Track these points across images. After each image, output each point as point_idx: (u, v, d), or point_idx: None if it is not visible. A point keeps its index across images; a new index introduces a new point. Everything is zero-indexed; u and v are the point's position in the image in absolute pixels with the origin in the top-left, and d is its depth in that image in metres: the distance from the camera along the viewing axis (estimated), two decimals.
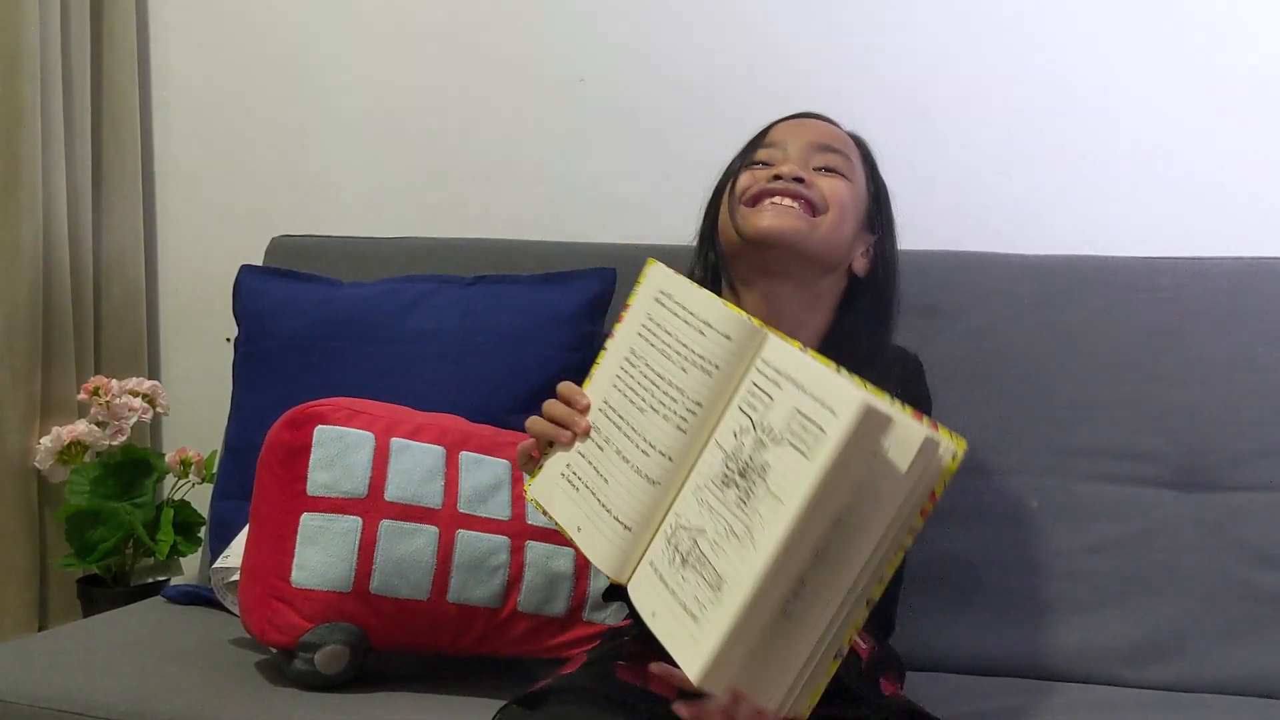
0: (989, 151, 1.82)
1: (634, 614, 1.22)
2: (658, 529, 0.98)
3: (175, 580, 1.94)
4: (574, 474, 1.07)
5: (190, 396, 2.11)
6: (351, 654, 1.34)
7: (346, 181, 2.13)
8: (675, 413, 1.00)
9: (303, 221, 2.04)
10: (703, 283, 1.28)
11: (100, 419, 1.90)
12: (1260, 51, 1.72)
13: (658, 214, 1.72)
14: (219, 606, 1.61)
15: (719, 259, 1.32)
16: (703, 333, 1.00)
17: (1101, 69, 1.78)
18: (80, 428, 1.89)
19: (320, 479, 1.35)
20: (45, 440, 1.90)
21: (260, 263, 1.91)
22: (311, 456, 1.36)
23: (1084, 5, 1.78)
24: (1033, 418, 1.57)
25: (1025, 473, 1.56)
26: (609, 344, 1.11)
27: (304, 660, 1.33)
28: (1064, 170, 1.79)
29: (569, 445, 1.08)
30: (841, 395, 0.85)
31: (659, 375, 1.03)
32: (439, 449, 1.41)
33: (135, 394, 1.93)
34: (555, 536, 1.41)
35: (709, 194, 1.36)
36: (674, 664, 0.91)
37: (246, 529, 1.46)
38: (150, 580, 1.93)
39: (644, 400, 1.03)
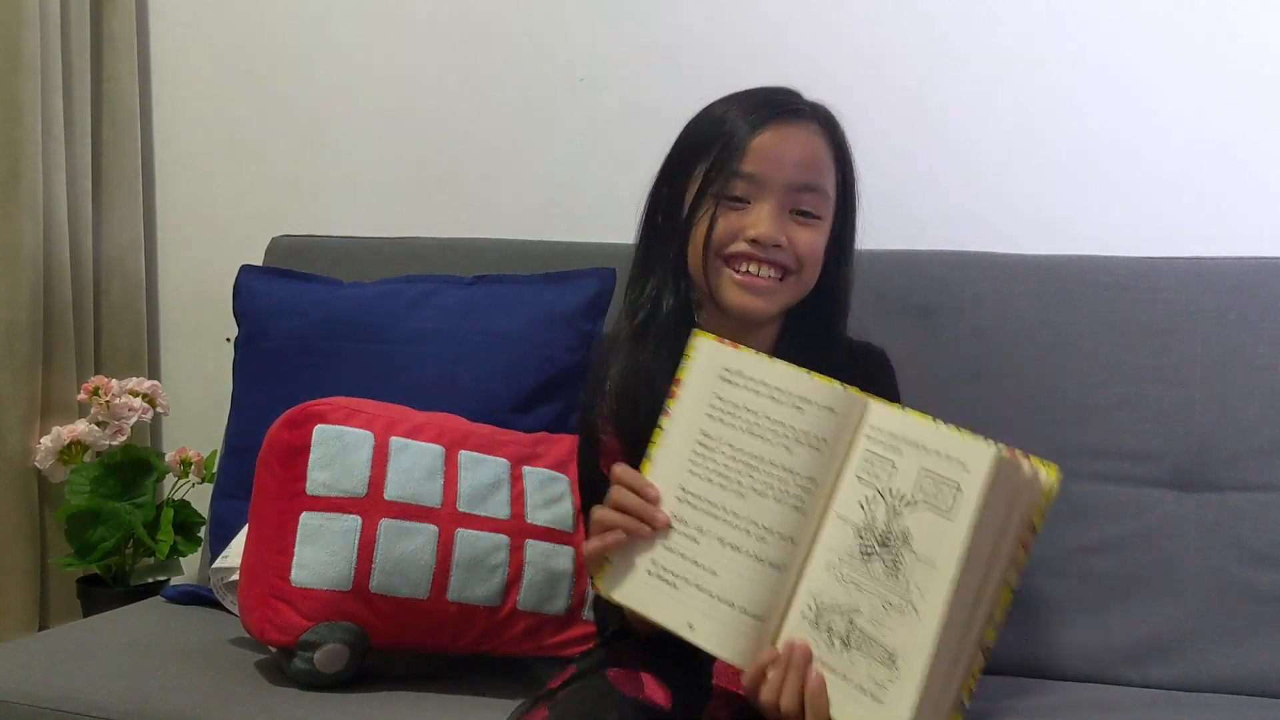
0: (989, 151, 1.82)
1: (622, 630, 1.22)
2: (786, 610, 0.98)
3: (175, 580, 1.94)
4: (665, 570, 1.04)
5: (190, 396, 2.12)
6: (351, 653, 1.34)
7: (346, 181, 2.13)
8: (789, 493, 1.00)
9: (303, 221, 2.04)
10: (677, 310, 1.27)
11: (100, 419, 1.90)
12: (1260, 50, 1.72)
13: None
14: (219, 606, 1.61)
15: (690, 286, 1.30)
16: (800, 409, 1.01)
17: (1101, 68, 1.78)
18: (80, 428, 1.89)
19: (320, 478, 1.35)
20: (45, 440, 1.90)
21: (260, 263, 1.91)
22: (311, 455, 1.36)
23: (1085, 4, 1.78)
24: (1032, 418, 1.57)
25: None
26: (666, 424, 1.08)
27: (304, 659, 1.33)
28: (1064, 170, 1.79)
29: (649, 540, 1.05)
30: (971, 450, 0.90)
31: (755, 457, 1.02)
32: (438, 448, 1.41)
33: (135, 394, 1.93)
34: (555, 535, 1.41)
35: (665, 189, 1.30)
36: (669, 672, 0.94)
37: (245, 529, 1.47)
38: (150, 580, 1.93)
39: (741, 484, 1.02)
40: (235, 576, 1.50)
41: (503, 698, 1.29)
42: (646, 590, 1.05)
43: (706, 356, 1.08)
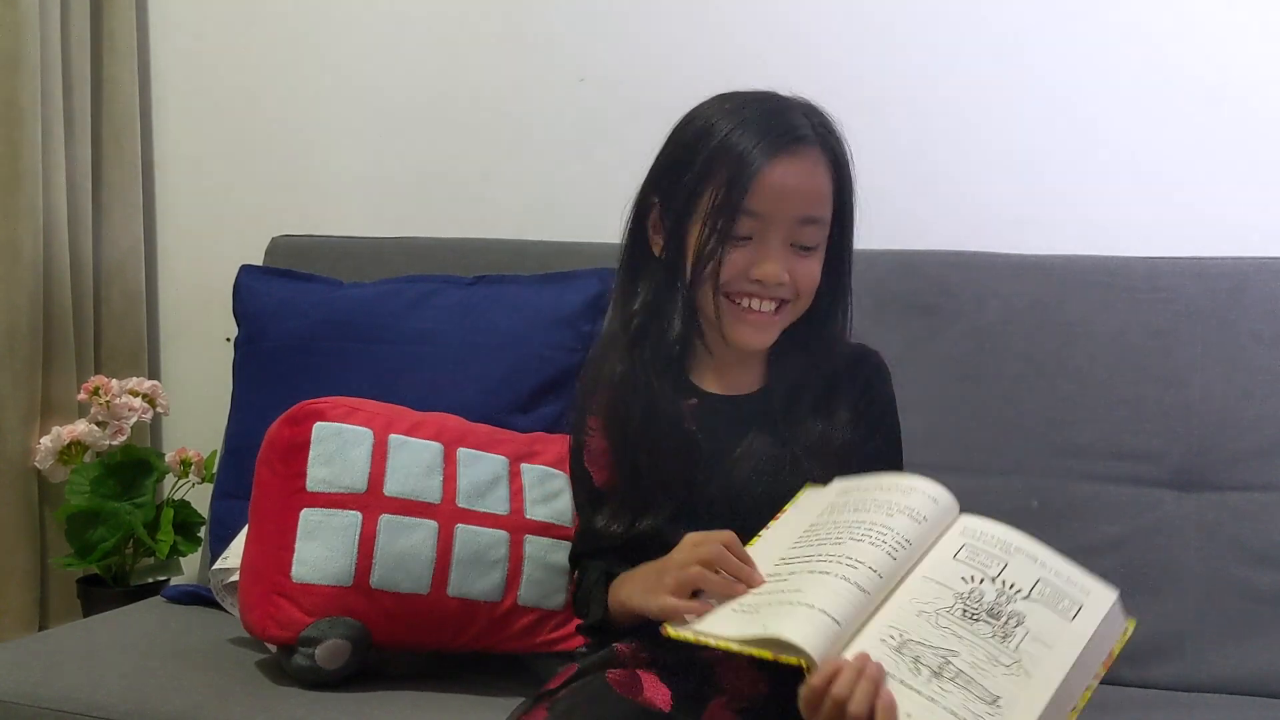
0: (989, 151, 1.81)
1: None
2: (862, 629, 1.01)
3: (175, 580, 1.94)
4: (746, 606, 1.06)
5: (190, 396, 2.11)
6: (353, 649, 1.34)
7: (346, 181, 2.13)
8: (885, 541, 1.05)
9: (303, 221, 2.04)
10: (677, 329, 1.26)
11: (100, 419, 1.90)
12: (1260, 51, 1.72)
13: None
14: (219, 606, 1.61)
15: (693, 312, 1.27)
16: (907, 493, 1.09)
17: (1102, 69, 1.78)
18: (80, 428, 1.89)
19: (320, 474, 1.35)
20: (45, 440, 1.90)
21: (260, 263, 1.91)
22: (311, 452, 1.36)
23: (1083, 5, 1.78)
24: (1032, 418, 1.57)
25: (1025, 473, 1.56)
26: (766, 533, 1.14)
27: (305, 655, 1.33)
28: (1063, 170, 1.79)
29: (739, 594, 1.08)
30: (1094, 586, 1.04)
31: (858, 521, 1.08)
32: (437, 445, 1.42)
33: (135, 394, 1.93)
34: (554, 530, 1.42)
35: (658, 199, 1.28)
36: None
37: (245, 530, 1.47)
38: (150, 580, 1.93)
39: (840, 537, 1.07)
40: (234, 578, 1.50)
41: (503, 697, 1.29)
42: (721, 621, 1.05)
43: (814, 494, 1.17)
